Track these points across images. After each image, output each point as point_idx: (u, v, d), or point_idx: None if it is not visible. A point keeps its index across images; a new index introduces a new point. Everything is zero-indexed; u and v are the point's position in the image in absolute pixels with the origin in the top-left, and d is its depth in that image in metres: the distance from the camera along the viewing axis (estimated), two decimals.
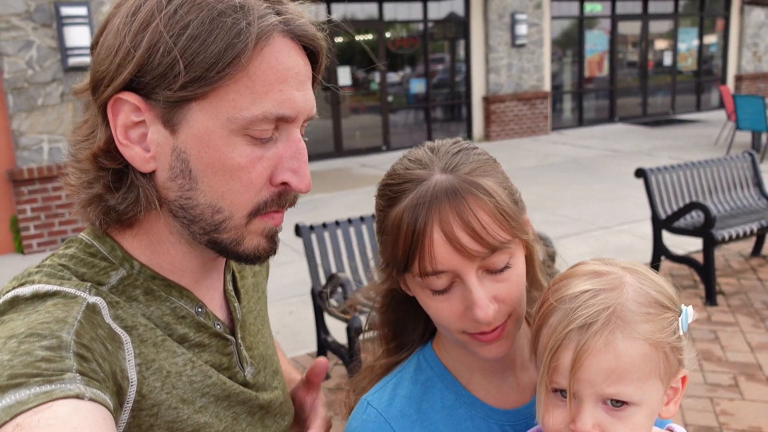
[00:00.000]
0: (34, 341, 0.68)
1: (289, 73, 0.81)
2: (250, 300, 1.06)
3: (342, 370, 4.28)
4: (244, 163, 0.80)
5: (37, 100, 7.13)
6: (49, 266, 0.82)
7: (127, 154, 0.81)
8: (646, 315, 0.82)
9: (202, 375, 0.87)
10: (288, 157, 0.83)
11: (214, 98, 0.78)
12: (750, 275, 5.69)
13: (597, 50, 15.50)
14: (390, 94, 13.17)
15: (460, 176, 0.87)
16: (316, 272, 4.12)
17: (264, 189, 0.83)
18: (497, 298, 0.88)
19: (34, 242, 7.26)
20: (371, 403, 0.99)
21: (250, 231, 0.85)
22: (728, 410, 3.63)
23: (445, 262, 0.85)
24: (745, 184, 6.09)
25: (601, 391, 0.81)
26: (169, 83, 0.77)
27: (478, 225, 0.84)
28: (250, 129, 0.79)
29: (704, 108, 17.27)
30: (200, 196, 0.81)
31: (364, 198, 8.93)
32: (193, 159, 0.80)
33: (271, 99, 0.79)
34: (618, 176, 9.68)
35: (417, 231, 0.86)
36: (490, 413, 0.99)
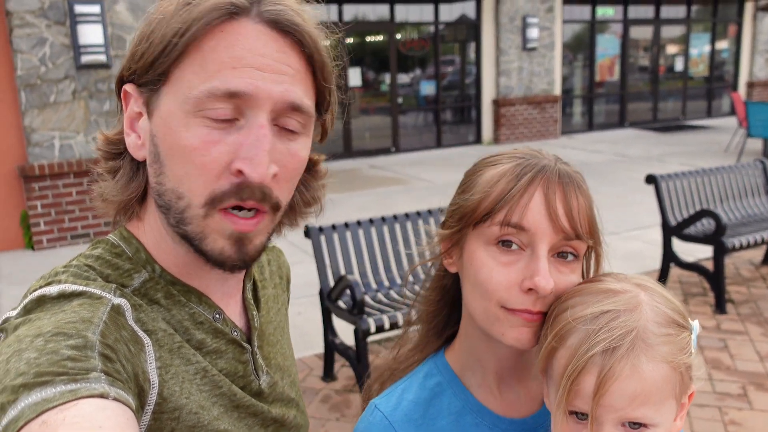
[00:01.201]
0: (61, 340, 0.69)
1: (248, 54, 0.78)
2: (270, 310, 1.05)
3: (349, 371, 4.28)
4: (197, 144, 0.78)
5: (49, 97, 7.16)
6: (75, 266, 0.83)
7: (127, 141, 0.86)
8: (666, 336, 0.82)
9: (212, 385, 0.87)
10: (247, 144, 0.78)
11: (175, 79, 0.79)
12: (760, 284, 5.66)
13: (608, 54, 15.46)
14: (400, 96, 13.17)
15: (571, 168, 0.93)
16: (325, 274, 4.12)
17: (222, 177, 0.79)
18: (555, 286, 0.88)
19: (44, 238, 7.29)
20: (378, 406, 1.01)
21: (210, 227, 0.81)
22: (737, 420, 3.61)
23: (533, 222, 0.87)
24: (756, 192, 6.06)
25: (624, 415, 0.80)
26: (142, 67, 0.81)
27: (576, 207, 0.89)
28: (204, 109, 0.78)
29: (715, 114, 17.19)
30: (167, 180, 0.82)
31: (374, 199, 8.93)
32: (160, 142, 0.81)
33: (222, 75, 0.77)
34: (628, 182, 9.64)
35: (519, 185, 0.89)
36: (496, 421, 0.99)
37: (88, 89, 7.28)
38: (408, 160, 12.11)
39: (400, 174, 10.84)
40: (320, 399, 3.98)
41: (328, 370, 4.21)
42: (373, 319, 3.76)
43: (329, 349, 4.17)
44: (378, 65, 13.07)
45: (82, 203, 7.37)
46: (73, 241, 7.41)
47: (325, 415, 3.79)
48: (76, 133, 7.30)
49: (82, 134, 7.32)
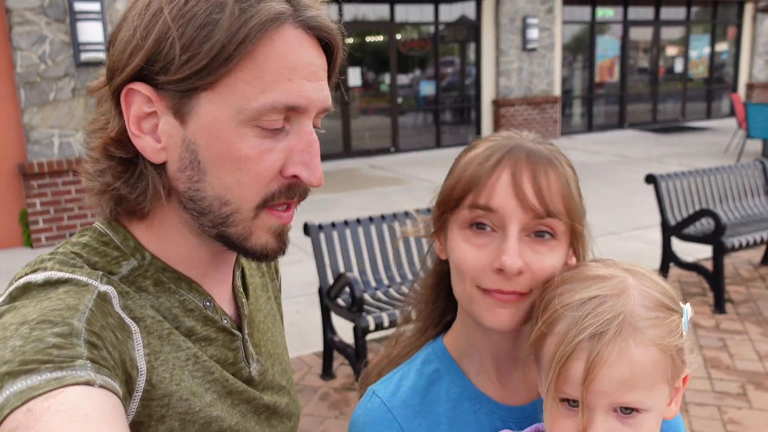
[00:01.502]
0: (46, 328, 0.68)
1: (299, 63, 0.79)
2: (259, 299, 1.05)
3: (348, 369, 4.28)
4: (253, 154, 0.79)
5: (48, 94, 7.16)
6: (61, 254, 0.82)
7: (139, 144, 0.81)
8: (654, 320, 0.81)
9: (204, 371, 0.87)
10: (299, 150, 0.82)
11: (223, 88, 0.77)
12: (759, 284, 5.66)
13: (608, 56, 15.48)
14: (399, 96, 13.18)
15: (546, 147, 0.92)
16: (324, 272, 4.12)
17: (274, 181, 0.82)
18: (528, 266, 0.88)
19: (42, 236, 7.29)
20: (376, 392, 1.01)
21: (257, 226, 0.83)
22: (736, 419, 3.61)
23: (500, 202, 0.88)
24: (755, 192, 6.06)
25: (614, 400, 0.80)
26: (177, 73, 0.77)
27: (546, 185, 0.88)
28: (259, 120, 0.78)
29: (715, 116, 17.21)
30: (208, 188, 0.81)
31: (373, 199, 8.94)
32: (202, 150, 0.79)
33: (281, 88, 0.78)
34: (627, 182, 9.65)
35: (486, 167, 0.90)
36: (494, 408, 0.99)
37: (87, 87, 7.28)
38: (407, 161, 12.12)
39: (399, 174, 10.85)
40: (319, 397, 3.98)
41: (327, 368, 4.21)
42: (372, 316, 3.76)
43: (328, 347, 4.17)
44: (378, 65, 13.08)
45: (81, 201, 7.37)
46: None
47: (323, 413, 3.78)
48: (75, 131, 7.30)
49: (81, 132, 7.31)
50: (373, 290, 4.26)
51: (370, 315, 3.77)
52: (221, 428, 0.87)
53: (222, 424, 0.87)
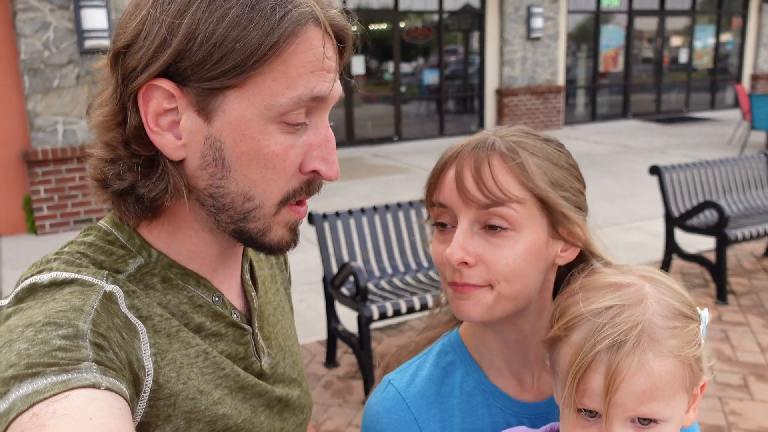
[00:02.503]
0: (51, 330, 0.68)
1: (320, 60, 0.80)
2: (268, 291, 1.05)
3: (351, 358, 4.30)
4: (279, 151, 0.80)
5: (52, 81, 7.16)
6: (67, 253, 0.82)
7: (158, 141, 0.80)
8: (673, 330, 0.80)
9: (214, 366, 0.87)
10: (317, 145, 0.83)
11: (251, 86, 0.77)
12: (762, 275, 5.67)
13: (612, 45, 15.41)
14: (403, 85, 13.14)
15: (504, 140, 0.92)
16: (328, 261, 4.13)
17: (294, 177, 0.83)
18: (481, 257, 0.88)
19: (46, 223, 7.30)
20: (392, 381, 1.02)
21: (276, 222, 0.84)
22: (737, 410, 3.63)
23: (447, 197, 0.92)
24: (759, 185, 6.06)
25: (633, 412, 0.79)
26: (208, 70, 0.76)
27: (488, 174, 0.88)
28: (285, 115, 0.79)
29: (719, 106, 17.15)
30: (232, 184, 0.81)
31: (376, 188, 8.93)
32: (228, 147, 0.79)
33: (306, 81, 0.79)
34: (630, 173, 9.64)
35: (438, 166, 0.95)
36: (507, 403, 0.99)
37: (91, 74, 7.27)
38: (410, 149, 12.10)
39: (402, 163, 10.84)
40: (323, 385, 4.00)
41: (331, 356, 4.23)
42: (376, 306, 3.77)
43: (332, 336, 4.19)
44: (381, 54, 13.03)
45: (84, 188, 7.37)
46: (76, 227, 7.43)
47: (327, 401, 3.81)
48: (79, 118, 7.30)
49: (85, 119, 7.31)
50: (376, 280, 4.27)
51: (374, 304, 3.78)
52: (227, 426, 0.87)
53: (228, 422, 0.87)
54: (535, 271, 0.91)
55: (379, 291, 4.12)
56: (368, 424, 1.00)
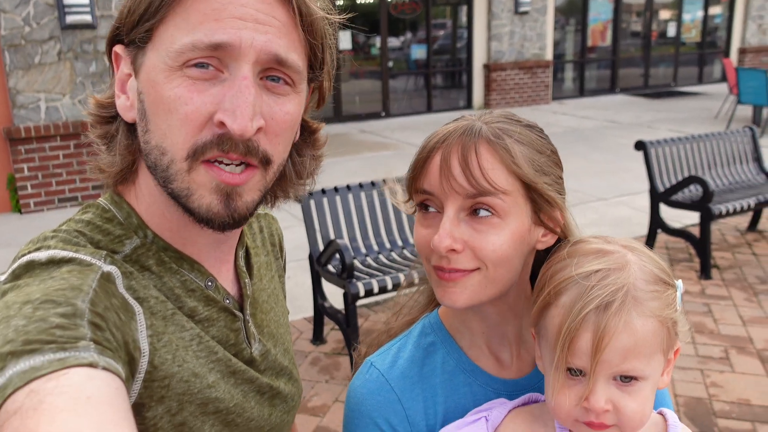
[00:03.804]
0: (50, 308, 0.68)
1: (230, 5, 0.77)
2: (263, 278, 1.05)
3: (338, 335, 4.32)
4: (181, 93, 0.78)
5: (34, 57, 7.05)
6: (65, 232, 0.82)
7: (117, 103, 0.86)
8: (653, 293, 0.85)
9: (207, 351, 0.88)
10: (230, 96, 0.78)
11: (158, 37, 0.80)
12: (745, 250, 5.73)
13: (600, 19, 15.33)
14: (390, 60, 13.05)
15: (489, 126, 0.92)
16: (315, 238, 4.13)
17: (205, 129, 0.79)
18: (468, 244, 0.90)
19: (31, 201, 7.25)
20: (374, 363, 1.03)
21: (196, 183, 0.80)
22: (718, 382, 3.68)
23: (433, 184, 0.91)
24: (744, 159, 6.09)
25: (616, 369, 0.83)
26: (127, 26, 0.81)
27: (474, 162, 0.89)
28: (186, 62, 0.78)
29: (706, 81, 17.16)
30: (152, 137, 0.82)
31: (364, 164, 8.91)
32: (146, 99, 0.81)
33: (205, 28, 0.77)
34: (617, 148, 9.66)
35: (424, 153, 0.94)
36: (488, 381, 1.01)
37: (73, 50, 7.17)
38: (398, 125, 12.06)
39: (390, 139, 10.80)
40: (310, 361, 4.02)
41: (318, 333, 4.25)
42: (362, 283, 3.78)
43: (318, 313, 4.20)
44: (368, 28, 12.91)
45: (69, 166, 7.31)
46: (61, 205, 7.37)
47: (314, 378, 3.83)
48: (62, 95, 7.21)
49: (68, 96, 7.22)
50: (363, 257, 4.28)
51: (360, 281, 3.80)
52: (218, 409, 0.88)
53: (219, 405, 0.88)
54: (518, 256, 0.93)
55: (365, 268, 4.13)
56: (353, 407, 1.00)
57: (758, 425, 3.30)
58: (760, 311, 4.52)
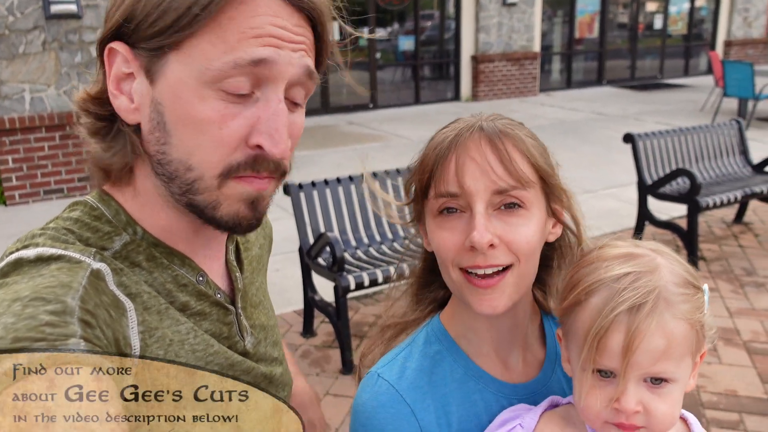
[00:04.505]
0: (39, 305, 0.68)
1: (268, 24, 0.77)
2: (253, 272, 1.05)
3: (328, 327, 4.32)
4: (215, 117, 0.77)
5: (18, 47, 6.95)
6: (53, 229, 0.82)
7: (115, 103, 0.82)
8: (684, 295, 0.86)
9: (204, 344, 0.87)
10: (265, 119, 0.79)
11: (188, 48, 0.77)
12: (731, 242, 5.78)
13: (588, 11, 15.36)
14: (378, 51, 13.00)
15: (495, 124, 0.93)
16: (305, 231, 4.12)
17: (239, 150, 0.79)
18: (502, 238, 0.90)
19: (16, 193, 7.16)
20: (382, 375, 1.00)
21: (225, 195, 0.81)
22: (706, 373, 3.72)
23: (460, 185, 0.90)
24: (731, 152, 6.13)
25: (647, 370, 0.84)
26: (148, 30, 0.77)
27: (497, 158, 0.89)
28: (223, 82, 0.77)
29: (692, 73, 17.26)
30: (173, 151, 0.80)
31: (352, 155, 8.89)
32: (167, 111, 0.79)
33: (245, 47, 0.76)
34: (604, 140, 9.70)
35: (439, 156, 0.92)
36: (499, 387, 1.01)
37: (58, 40, 7.08)
38: (386, 117, 12.03)
39: (377, 130, 10.78)
40: (300, 354, 4.02)
41: (308, 326, 4.25)
42: (352, 276, 3.78)
43: (309, 306, 4.20)
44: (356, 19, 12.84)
45: (54, 158, 7.23)
46: (47, 197, 7.30)
47: (305, 370, 3.83)
48: (46, 85, 7.12)
49: (53, 87, 7.13)
50: (353, 250, 4.27)
51: (350, 275, 3.79)
52: None
53: None
54: (540, 248, 0.95)
55: (355, 261, 4.13)
56: (363, 421, 0.97)
57: (745, 416, 3.34)
58: (746, 303, 4.57)
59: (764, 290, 4.75)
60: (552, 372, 1.05)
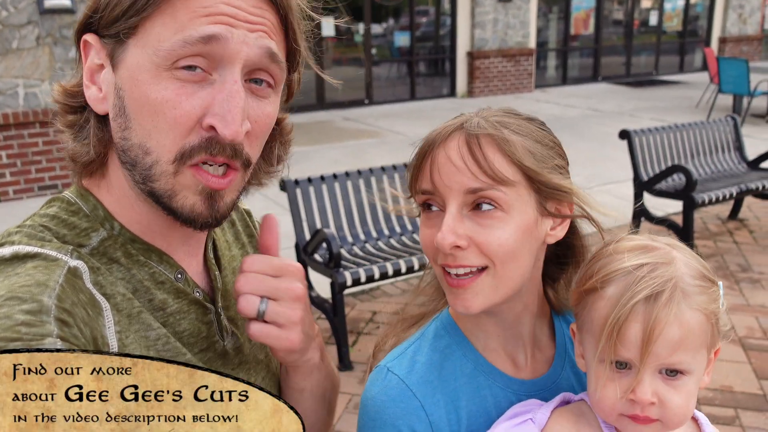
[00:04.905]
0: (14, 305, 0.67)
1: (218, 6, 0.77)
2: (236, 271, 1.03)
3: (325, 324, 4.31)
4: (169, 97, 0.77)
5: (11, 42, 6.91)
6: (29, 227, 0.81)
7: (87, 93, 0.83)
8: (700, 287, 0.86)
9: (174, 351, 0.86)
10: (219, 100, 0.78)
11: (143, 32, 0.77)
12: (726, 238, 5.79)
13: (583, 7, 15.37)
14: (373, 47, 12.98)
15: (487, 120, 0.91)
16: (301, 227, 4.11)
17: (193, 133, 0.79)
18: (473, 240, 0.88)
19: (10, 189, 7.13)
20: (391, 369, 0.99)
21: (181, 184, 0.80)
22: None
23: (434, 182, 0.90)
24: (726, 148, 6.15)
25: (664, 361, 0.84)
26: (108, 17, 0.78)
27: (478, 155, 0.88)
28: (175, 61, 0.77)
29: (687, 69, 17.30)
30: (133, 135, 0.80)
31: (347, 152, 8.88)
32: (127, 96, 0.79)
33: (194, 25, 0.76)
34: (600, 137, 9.71)
35: (420, 152, 0.93)
36: (508, 383, 1.00)
37: (52, 35, 7.04)
38: (381, 113, 12.02)
39: (373, 126, 10.77)
40: None
41: None
42: (349, 272, 3.77)
43: None
44: (351, 15, 12.83)
45: (48, 153, 7.20)
46: (41, 192, 7.27)
47: None
48: (40, 81, 7.08)
49: (47, 82, 7.10)
50: (349, 246, 4.27)
51: (347, 271, 3.79)
52: None
53: None
54: (527, 251, 0.92)
55: (351, 257, 4.12)
56: (373, 415, 0.96)
57: (741, 412, 3.35)
58: (742, 299, 4.58)
59: (759, 286, 4.77)
60: (561, 369, 1.05)
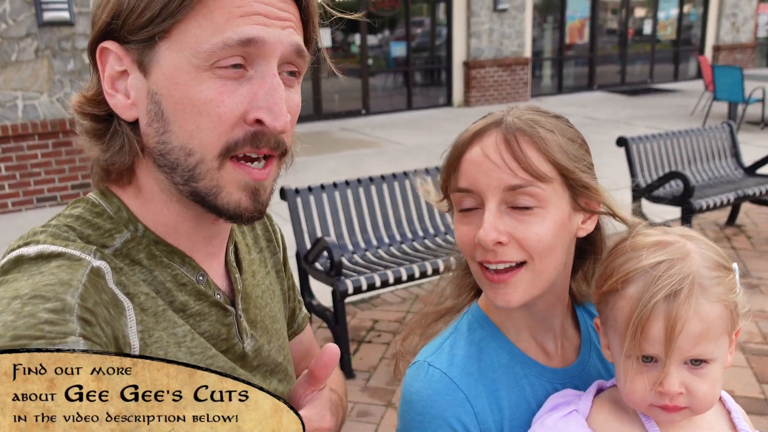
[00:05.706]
0: (38, 303, 0.68)
1: (252, 5, 0.79)
2: (256, 274, 1.05)
3: (326, 332, 4.31)
4: (213, 96, 0.78)
5: (10, 55, 6.93)
6: (54, 226, 0.82)
7: (112, 102, 0.83)
8: (716, 278, 0.89)
9: (202, 347, 0.87)
10: (262, 94, 0.80)
11: (178, 34, 0.78)
12: (724, 244, 5.80)
13: (578, 17, 15.46)
14: (370, 57, 13.03)
15: (520, 119, 0.94)
16: (302, 236, 4.12)
17: (237, 128, 0.80)
18: (512, 236, 0.91)
19: (8, 201, 7.12)
20: (432, 363, 1.00)
21: (225, 180, 0.82)
22: None
23: (472, 181, 0.92)
24: (723, 155, 6.18)
25: (689, 353, 0.87)
26: (136, 22, 0.78)
27: (518, 152, 0.90)
28: (215, 61, 0.78)
29: (682, 78, 17.39)
30: (173, 138, 0.81)
31: (345, 162, 8.90)
32: (165, 99, 0.80)
33: (233, 26, 0.78)
34: (596, 144, 9.69)
35: (457, 151, 0.94)
36: (542, 371, 1.03)
37: (51, 47, 7.06)
38: (378, 123, 12.05)
39: (370, 137, 10.79)
40: None
41: None
42: (350, 280, 3.78)
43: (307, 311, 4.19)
44: (348, 26, 12.88)
45: (47, 165, 7.20)
46: (39, 204, 7.26)
47: None
48: (39, 93, 7.09)
49: (46, 94, 7.11)
50: (350, 254, 4.28)
51: (348, 279, 3.79)
52: None
53: None
54: (562, 245, 0.95)
55: (352, 265, 4.13)
56: (420, 410, 0.97)
57: None
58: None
59: (758, 292, 4.78)
60: (588, 356, 1.08)
